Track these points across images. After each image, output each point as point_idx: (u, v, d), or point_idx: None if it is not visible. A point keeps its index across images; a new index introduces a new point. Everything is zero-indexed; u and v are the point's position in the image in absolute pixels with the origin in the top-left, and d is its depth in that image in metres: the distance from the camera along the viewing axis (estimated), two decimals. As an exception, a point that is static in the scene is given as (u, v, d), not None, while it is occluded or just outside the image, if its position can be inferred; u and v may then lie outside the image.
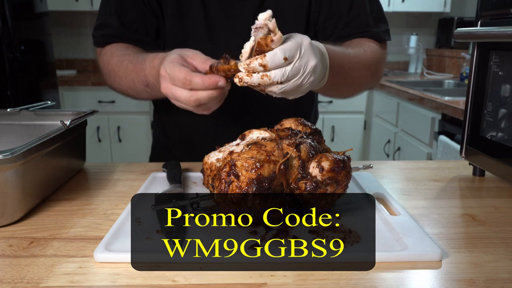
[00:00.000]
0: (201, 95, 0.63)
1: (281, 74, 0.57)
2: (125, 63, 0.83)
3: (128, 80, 0.82)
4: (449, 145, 1.98)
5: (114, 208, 0.67)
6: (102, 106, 2.97)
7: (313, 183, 0.57)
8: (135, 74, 0.80)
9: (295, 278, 0.47)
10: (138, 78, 0.79)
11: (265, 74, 0.57)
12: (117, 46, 0.89)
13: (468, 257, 0.52)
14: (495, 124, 0.77)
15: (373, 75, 0.91)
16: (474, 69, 0.82)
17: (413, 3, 3.29)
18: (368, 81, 0.91)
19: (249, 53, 0.58)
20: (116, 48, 0.88)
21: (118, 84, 0.86)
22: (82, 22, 3.54)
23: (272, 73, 0.57)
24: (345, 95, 0.93)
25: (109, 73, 0.88)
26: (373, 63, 0.88)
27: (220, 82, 0.62)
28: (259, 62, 0.56)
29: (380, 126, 3.06)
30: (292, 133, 0.64)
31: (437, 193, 0.74)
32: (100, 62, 0.91)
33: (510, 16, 0.73)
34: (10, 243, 0.55)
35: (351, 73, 0.82)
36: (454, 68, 3.26)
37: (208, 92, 0.63)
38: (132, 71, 0.80)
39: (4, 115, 0.87)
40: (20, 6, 2.41)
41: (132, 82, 0.82)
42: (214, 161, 0.62)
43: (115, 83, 0.87)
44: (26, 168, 0.60)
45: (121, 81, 0.84)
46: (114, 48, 0.89)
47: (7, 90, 2.36)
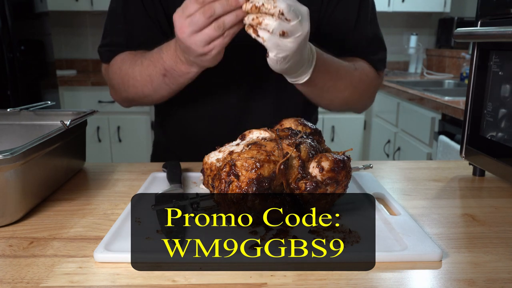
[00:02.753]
0: (217, 5, 0.63)
1: (287, 5, 0.61)
2: (139, 61, 0.82)
3: (144, 76, 0.81)
4: (449, 145, 1.98)
5: (114, 208, 0.67)
6: (102, 106, 2.97)
7: (313, 183, 0.57)
8: (152, 67, 0.79)
9: (295, 278, 0.47)
10: (155, 70, 0.78)
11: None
12: (126, 53, 0.88)
13: (468, 257, 0.52)
14: (495, 124, 0.77)
15: (361, 95, 0.91)
16: (474, 69, 0.82)
17: (413, 3, 3.30)
18: (356, 99, 0.90)
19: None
20: (125, 55, 0.88)
21: (133, 87, 0.84)
22: (82, 22, 3.54)
23: (278, 2, 0.61)
24: (329, 105, 0.92)
25: (121, 79, 0.86)
26: (362, 82, 0.88)
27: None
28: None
29: (380, 126, 3.07)
30: (292, 133, 0.64)
31: (437, 193, 0.74)
32: (111, 74, 0.90)
33: (510, 16, 0.73)
34: (10, 243, 0.55)
35: (336, 82, 0.83)
36: (454, 68, 3.26)
37: (223, 1, 0.63)
38: (148, 64, 0.80)
39: (4, 115, 0.87)
40: (20, 6, 2.41)
41: (148, 77, 0.80)
42: (214, 161, 0.62)
43: (130, 87, 0.85)
44: (26, 168, 0.60)
45: (136, 82, 0.83)
46: (123, 55, 0.88)
47: (7, 90, 2.36)
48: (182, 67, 0.75)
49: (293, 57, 0.66)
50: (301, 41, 0.64)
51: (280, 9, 0.61)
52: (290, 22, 0.62)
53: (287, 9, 0.61)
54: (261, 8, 0.61)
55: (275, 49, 0.64)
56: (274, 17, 0.61)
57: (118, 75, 0.87)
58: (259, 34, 0.63)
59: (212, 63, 0.71)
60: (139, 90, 0.84)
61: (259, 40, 0.63)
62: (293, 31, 0.62)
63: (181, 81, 0.78)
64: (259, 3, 0.62)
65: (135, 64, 0.83)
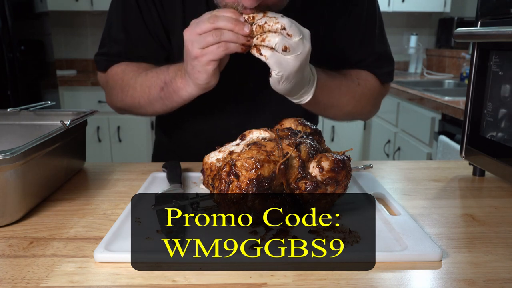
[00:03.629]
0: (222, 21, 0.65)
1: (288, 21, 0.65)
2: (144, 73, 0.83)
3: (144, 87, 0.82)
4: (449, 145, 1.98)
5: (114, 208, 0.67)
6: (102, 106, 2.97)
7: (313, 183, 0.57)
8: (155, 78, 0.80)
9: (295, 278, 0.47)
10: (156, 81, 0.80)
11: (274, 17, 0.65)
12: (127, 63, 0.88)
13: (468, 257, 0.52)
14: (495, 124, 0.77)
15: (363, 107, 0.92)
16: (474, 69, 0.82)
17: (413, 3, 3.30)
18: (358, 110, 0.92)
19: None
20: (127, 65, 0.88)
21: (131, 97, 0.85)
22: (82, 22, 3.54)
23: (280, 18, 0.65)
24: (333, 118, 0.95)
25: (121, 89, 0.87)
26: (364, 96, 0.90)
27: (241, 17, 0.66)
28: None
29: (380, 126, 3.06)
30: (292, 133, 0.64)
31: (437, 193, 0.74)
32: (111, 82, 0.90)
33: (510, 16, 0.73)
34: (10, 243, 0.55)
35: (338, 99, 0.85)
36: (454, 68, 3.26)
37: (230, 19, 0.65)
38: (152, 76, 0.81)
39: (4, 115, 0.87)
40: (20, 6, 2.41)
41: (147, 88, 0.82)
42: (214, 161, 0.62)
43: (127, 96, 0.86)
44: (26, 168, 0.60)
45: (135, 92, 0.84)
46: (124, 65, 0.88)
47: (7, 90, 2.36)
48: (179, 81, 0.76)
49: (295, 76, 0.67)
50: (303, 60, 0.66)
51: (282, 24, 0.64)
52: (292, 38, 0.64)
53: (289, 24, 0.64)
54: (265, 26, 0.64)
55: (277, 67, 0.65)
56: (277, 33, 0.64)
57: (119, 85, 0.87)
58: (262, 52, 0.65)
59: (203, 80, 0.71)
60: (135, 100, 0.85)
61: (262, 58, 0.66)
62: (295, 47, 0.65)
63: (175, 99, 0.79)
64: (262, 22, 0.65)
65: (139, 75, 0.84)
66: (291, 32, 0.64)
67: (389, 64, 0.95)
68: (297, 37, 0.65)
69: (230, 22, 0.65)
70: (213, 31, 0.66)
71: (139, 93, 0.83)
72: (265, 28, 0.65)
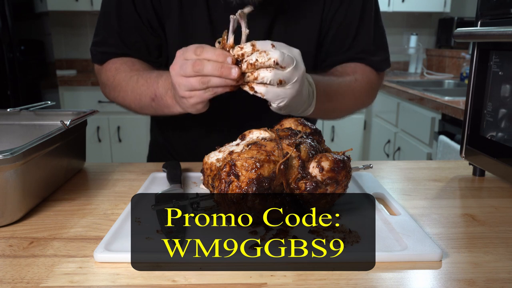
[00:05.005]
0: (208, 67, 0.62)
1: (280, 54, 0.61)
2: (135, 78, 0.83)
3: (135, 94, 0.82)
4: (449, 145, 1.98)
5: (114, 208, 0.67)
6: (102, 106, 2.97)
7: (313, 183, 0.57)
8: (145, 87, 0.80)
9: (295, 278, 0.47)
10: (146, 91, 0.80)
11: (264, 51, 0.62)
12: (122, 61, 0.89)
13: (468, 257, 0.52)
14: (495, 124, 0.77)
15: (364, 102, 0.95)
16: (474, 69, 0.82)
17: (413, 3, 3.29)
18: (359, 107, 0.95)
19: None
20: (121, 63, 0.88)
21: (122, 99, 0.87)
22: (82, 22, 3.54)
23: (271, 53, 0.61)
24: (335, 118, 0.98)
25: (113, 88, 0.87)
26: (363, 92, 0.91)
27: (229, 58, 0.62)
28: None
29: (380, 126, 3.07)
30: (292, 133, 0.64)
31: (437, 193, 0.74)
32: (103, 77, 0.91)
33: (510, 16, 0.73)
34: (10, 243, 0.55)
35: (339, 102, 0.86)
36: (454, 68, 3.26)
37: (215, 64, 0.62)
38: (143, 84, 0.81)
39: (4, 115, 0.87)
40: (20, 6, 2.41)
41: (138, 96, 0.82)
42: (214, 161, 0.62)
43: (119, 97, 0.87)
44: (26, 168, 0.60)
45: (126, 96, 0.85)
46: (118, 63, 0.88)
47: (7, 90, 2.36)
48: (169, 100, 0.76)
49: (295, 100, 0.67)
50: (299, 85, 0.65)
51: (274, 60, 0.61)
52: (286, 69, 0.62)
53: (281, 58, 0.61)
54: (256, 64, 0.62)
55: (276, 100, 0.65)
56: (269, 69, 0.61)
57: (111, 83, 0.88)
58: (256, 90, 0.63)
59: (192, 111, 0.71)
60: (127, 102, 0.86)
61: (258, 95, 0.64)
62: (289, 77, 0.63)
63: (166, 112, 0.80)
64: (253, 60, 0.62)
65: (130, 80, 0.84)
66: (284, 64, 0.61)
67: (385, 50, 0.95)
68: (291, 66, 0.62)
69: (216, 69, 0.62)
70: (199, 78, 0.64)
71: (131, 98, 0.84)
72: (257, 65, 0.62)
